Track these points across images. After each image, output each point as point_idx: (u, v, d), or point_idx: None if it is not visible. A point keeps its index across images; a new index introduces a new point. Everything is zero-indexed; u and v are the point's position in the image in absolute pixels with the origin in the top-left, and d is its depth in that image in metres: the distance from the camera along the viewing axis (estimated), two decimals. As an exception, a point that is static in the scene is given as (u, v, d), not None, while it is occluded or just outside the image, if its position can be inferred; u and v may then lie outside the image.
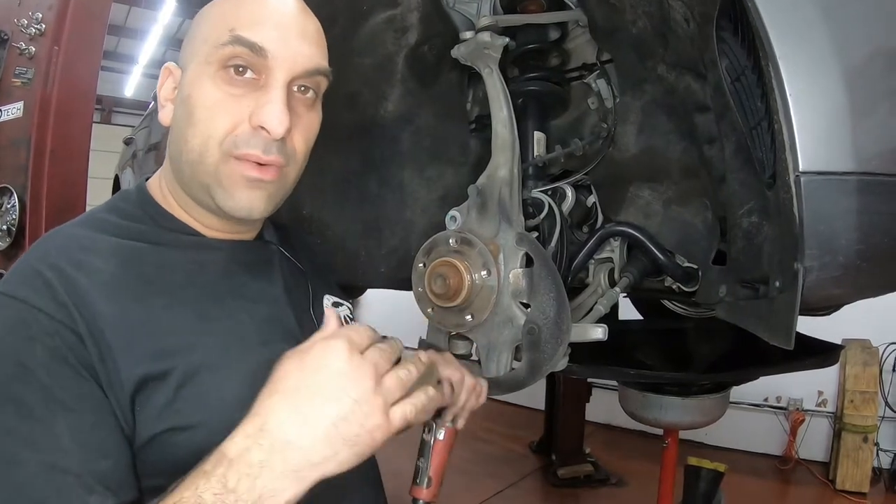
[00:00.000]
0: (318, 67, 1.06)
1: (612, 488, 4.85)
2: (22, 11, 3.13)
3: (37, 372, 0.85)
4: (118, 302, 0.93)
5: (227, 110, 1.00)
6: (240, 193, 1.03)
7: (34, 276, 0.92)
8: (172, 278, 1.02)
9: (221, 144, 1.00)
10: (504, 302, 1.45)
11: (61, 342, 0.87)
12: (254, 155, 1.01)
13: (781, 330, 1.10)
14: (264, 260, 1.19)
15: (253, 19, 1.01)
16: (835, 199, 0.98)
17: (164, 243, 1.06)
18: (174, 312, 0.98)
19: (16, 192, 3.01)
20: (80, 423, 0.86)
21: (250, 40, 0.99)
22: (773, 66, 0.98)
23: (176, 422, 0.92)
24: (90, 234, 1.01)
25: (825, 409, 5.16)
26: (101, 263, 0.96)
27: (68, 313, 0.89)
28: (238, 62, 0.99)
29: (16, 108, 3.09)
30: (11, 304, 0.90)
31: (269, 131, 0.99)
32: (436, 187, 2.00)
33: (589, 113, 1.86)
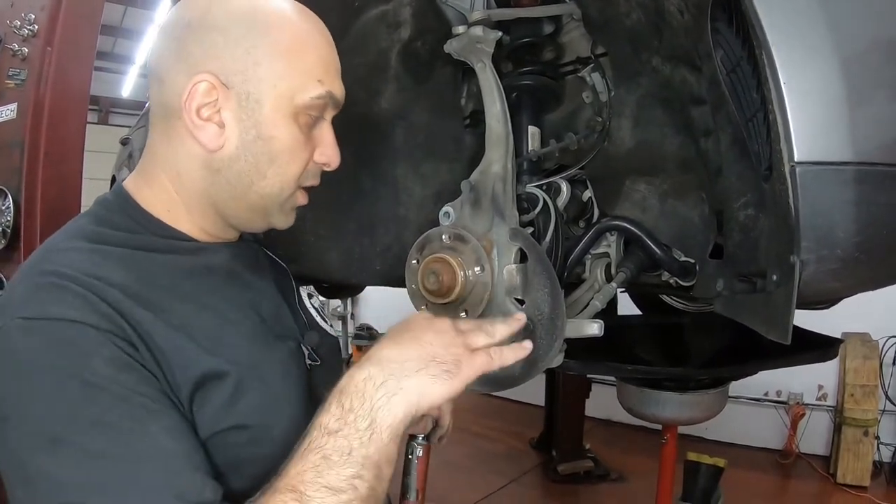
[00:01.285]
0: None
1: (612, 484, 4.86)
2: (14, 13, 3.12)
3: (106, 387, 0.83)
4: (151, 309, 0.93)
5: (304, 151, 1.08)
6: (289, 217, 1.15)
7: (60, 292, 0.88)
8: (189, 285, 1.03)
9: (297, 181, 1.10)
10: (498, 298, 1.44)
11: (117, 351, 0.86)
12: (312, 185, 1.15)
13: (778, 324, 1.09)
14: (256, 260, 1.24)
15: (330, 70, 1.09)
16: (831, 190, 0.97)
17: (166, 251, 1.05)
18: (204, 317, 1.00)
19: (10, 194, 3.00)
20: (169, 422, 0.87)
21: (338, 98, 1.11)
22: (766, 54, 0.97)
23: (237, 420, 0.96)
24: (91, 247, 0.98)
25: (825, 403, 5.17)
26: (117, 275, 0.94)
27: (113, 321, 0.87)
28: (318, 112, 1.08)
29: (9, 109, 3.08)
30: (46, 328, 0.85)
31: (331, 167, 1.14)
32: (430, 183, 1.99)
33: (584, 107, 1.84)
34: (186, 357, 0.93)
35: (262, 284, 1.19)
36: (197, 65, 1.00)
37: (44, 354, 0.83)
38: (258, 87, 1.01)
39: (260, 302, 1.14)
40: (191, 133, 1.02)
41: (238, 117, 1.02)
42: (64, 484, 0.79)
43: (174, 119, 1.03)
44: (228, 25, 1.01)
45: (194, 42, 1.01)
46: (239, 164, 1.04)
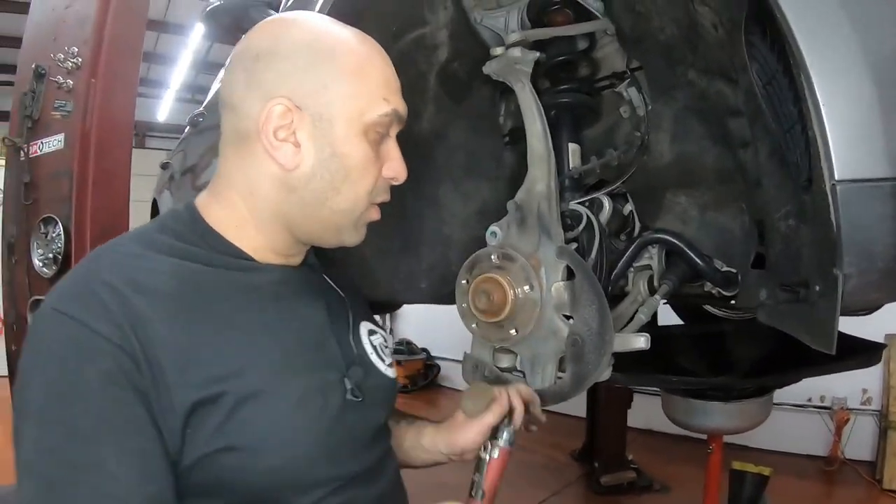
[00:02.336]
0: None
1: (656, 494, 4.82)
2: (58, 46, 3.20)
3: (88, 395, 0.87)
4: (174, 325, 0.95)
5: (374, 167, 1.11)
6: (360, 232, 1.17)
7: (89, 295, 0.93)
8: (226, 302, 1.05)
9: (369, 197, 1.13)
10: (547, 315, 1.47)
11: (115, 365, 0.89)
12: (383, 200, 1.17)
13: (823, 334, 1.10)
14: (310, 286, 1.22)
15: (391, 86, 1.13)
16: (871, 206, 0.99)
17: (218, 266, 1.08)
18: (227, 336, 1.01)
19: (60, 222, 3.07)
20: (128, 448, 0.88)
21: (402, 115, 1.14)
22: (804, 75, 0.98)
23: (226, 443, 0.95)
24: (145, 253, 1.03)
25: (870, 408, 5.09)
26: (158, 284, 0.98)
27: (124, 336, 0.90)
28: (384, 130, 1.11)
29: (56, 140, 3.16)
30: (66, 323, 0.91)
31: (399, 181, 1.16)
32: (472, 201, 2.02)
33: (621, 122, 1.86)
34: (188, 381, 0.93)
35: (309, 312, 1.18)
36: (270, 91, 1.05)
37: (55, 346, 0.91)
38: (329, 108, 1.07)
39: (302, 329, 1.14)
40: (268, 154, 1.07)
41: (313, 136, 1.07)
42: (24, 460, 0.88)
43: (250, 142, 1.08)
44: (295, 53, 1.07)
45: (264, 70, 1.06)
46: (315, 181, 1.09)
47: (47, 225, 3.15)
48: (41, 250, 3.17)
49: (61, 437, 0.87)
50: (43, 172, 3.21)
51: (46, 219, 3.14)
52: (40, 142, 3.22)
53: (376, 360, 1.27)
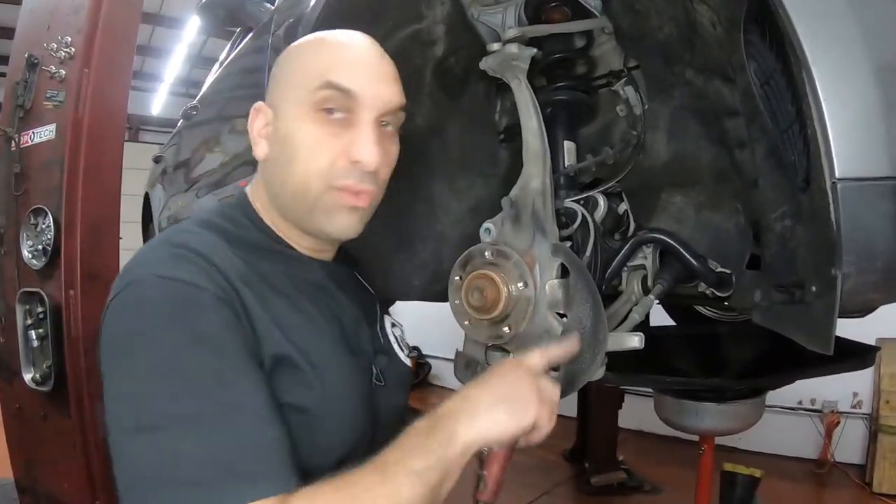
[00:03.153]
0: (399, 105, 1.21)
1: (647, 495, 4.83)
2: (51, 36, 3.17)
3: (215, 339, 0.97)
4: (254, 293, 1.07)
5: (326, 148, 1.14)
6: (339, 218, 1.18)
7: (188, 262, 1.03)
8: (283, 283, 1.16)
9: (323, 177, 1.15)
10: (541, 313, 1.46)
11: (230, 314, 1.00)
12: (352, 185, 1.16)
13: (819, 335, 1.09)
14: (346, 281, 1.35)
15: (341, 65, 1.16)
16: (871, 205, 0.98)
17: (274, 252, 1.22)
18: (293, 313, 1.13)
19: (50, 213, 3.05)
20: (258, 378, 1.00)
21: (344, 86, 1.13)
22: (805, 71, 0.98)
23: (293, 400, 1.06)
24: (213, 238, 1.13)
25: (861, 411, 5.11)
26: (230, 262, 1.08)
27: (227, 292, 1.02)
28: (330, 105, 1.14)
29: (48, 130, 3.13)
30: (176, 286, 0.99)
31: (364, 165, 1.14)
32: (466, 198, 2.01)
33: (618, 120, 1.86)
34: (272, 337, 1.06)
35: (346, 302, 1.29)
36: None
37: (169, 306, 0.98)
38: (281, 97, 1.19)
39: (341, 317, 1.25)
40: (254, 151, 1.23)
41: (272, 126, 1.20)
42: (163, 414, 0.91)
43: None
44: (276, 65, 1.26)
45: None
46: (273, 166, 1.20)
47: (37, 216, 3.12)
48: (31, 241, 3.14)
49: (198, 386, 0.93)
50: (34, 163, 3.18)
51: (37, 210, 3.11)
52: (32, 132, 3.19)
53: (398, 349, 1.42)
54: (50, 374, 3.04)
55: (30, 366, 3.13)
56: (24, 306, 3.13)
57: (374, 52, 1.21)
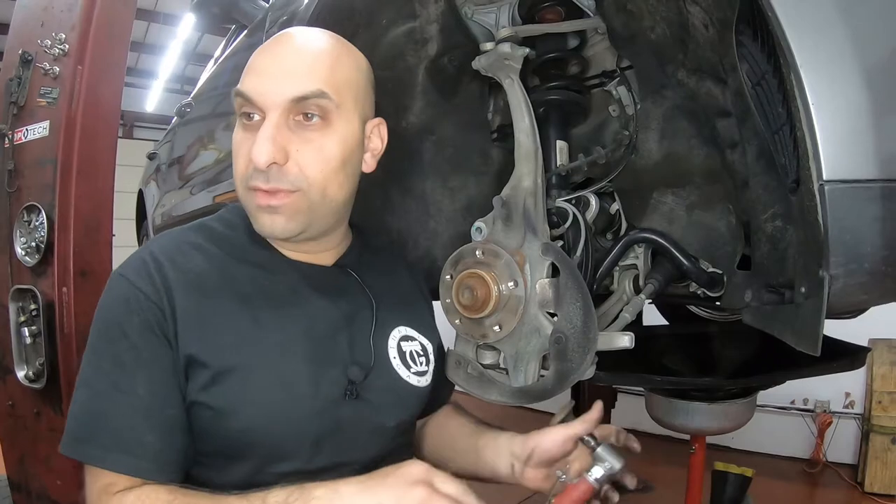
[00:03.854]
0: (300, 95, 1.16)
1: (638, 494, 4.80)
2: (45, 32, 3.16)
3: (132, 336, 1.13)
4: (192, 296, 1.17)
5: (242, 152, 1.20)
6: (260, 218, 1.21)
7: (142, 265, 1.18)
8: (244, 286, 1.23)
9: (241, 181, 1.21)
10: (531, 312, 1.46)
11: (151, 316, 1.14)
12: (257, 186, 1.18)
13: (808, 336, 1.10)
14: (334, 285, 1.34)
15: (247, 68, 1.21)
16: (859, 207, 0.98)
17: (249, 255, 1.28)
18: (233, 315, 1.19)
19: (43, 210, 3.04)
20: (155, 379, 1.13)
21: (240, 89, 1.18)
22: (794, 74, 0.98)
23: (205, 400, 1.14)
24: (193, 240, 1.26)
25: (853, 411, 5.12)
26: (190, 264, 1.21)
27: (159, 296, 1.15)
28: (244, 110, 1.19)
29: (42, 127, 3.12)
30: (123, 283, 1.17)
31: (255, 163, 1.15)
32: (459, 197, 2.01)
33: (610, 120, 1.86)
34: (190, 338, 1.14)
35: (325, 307, 1.29)
36: None
37: (112, 301, 1.18)
38: None
39: (310, 323, 1.26)
40: None
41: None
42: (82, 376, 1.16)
43: None
44: None
45: None
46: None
47: (30, 213, 3.11)
48: (24, 239, 3.13)
49: (109, 365, 1.13)
50: (27, 160, 3.17)
51: (30, 207, 3.10)
52: (25, 129, 3.18)
53: (398, 364, 1.37)
54: (43, 372, 3.04)
55: (23, 363, 3.12)
56: (17, 303, 3.13)
57: (286, 48, 1.22)
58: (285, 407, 1.18)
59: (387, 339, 1.38)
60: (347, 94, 1.23)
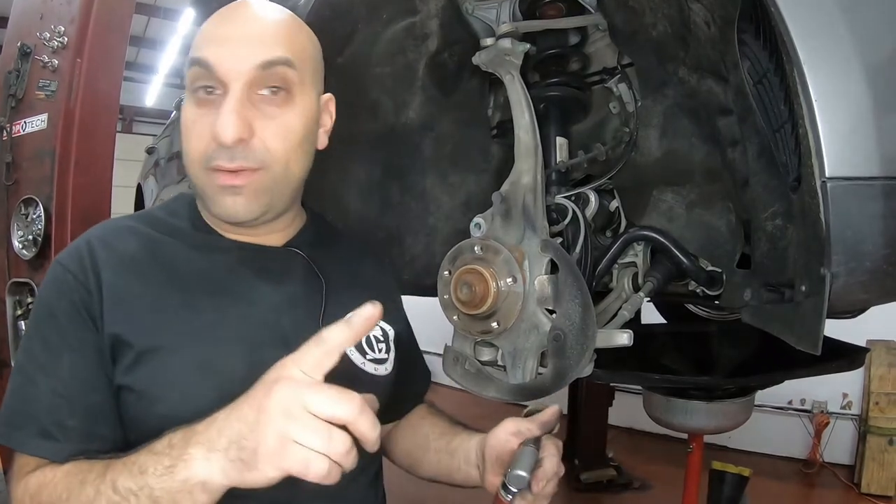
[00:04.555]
0: (266, 61, 1.09)
1: (636, 493, 4.83)
2: (44, 25, 3.16)
3: (60, 318, 1.09)
4: (119, 274, 1.12)
5: (198, 131, 1.11)
6: (221, 201, 1.13)
7: (76, 249, 1.14)
8: (178, 267, 1.17)
9: (199, 161, 1.12)
10: (530, 309, 1.45)
11: (78, 297, 1.09)
12: (221, 165, 1.09)
13: (808, 335, 1.09)
14: (278, 267, 1.26)
15: (202, 38, 1.12)
16: (860, 205, 0.98)
17: (186, 238, 1.22)
18: (163, 295, 1.13)
19: (41, 203, 3.04)
20: (80, 362, 1.08)
21: (197, 57, 1.09)
22: (797, 71, 0.97)
23: (129, 383, 1.09)
24: (131, 225, 1.21)
25: (850, 412, 5.12)
26: (124, 246, 1.16)
27: (86, 276, 1.10)
28: (200, 83, 1.10)
29: (40, 120, 3.12)
30: (56, 268, 1.13)
31: (221, 139, 1.06)
32: (458, 194, 2.01)
33: (610, 117, 1.85)
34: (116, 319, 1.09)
35: (264, 290, 1.20)
36: None
37: (49, 283, 1.14)
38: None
39: (248, 305, 1.17)
40: None
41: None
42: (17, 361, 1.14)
43: None
44: None
45: None
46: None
47: (28, 206, 3.11)
48: (21, 232, 3.13)
49: (38, 347, 1.10)
50: (25, 153, 3.17)
51: (27, 200, 3.10)
52: (24, 121, 3.18)
53: (350, 350, 1.21)
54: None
55: (19, 356, 3.12)
56: (14, 297, 3.13)
57: (246, 14, 1.14)
58: (212, 391, 1.03)
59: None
60: (307, 67, 1.18)
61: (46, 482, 1.02)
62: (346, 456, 0.85)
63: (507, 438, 1.24)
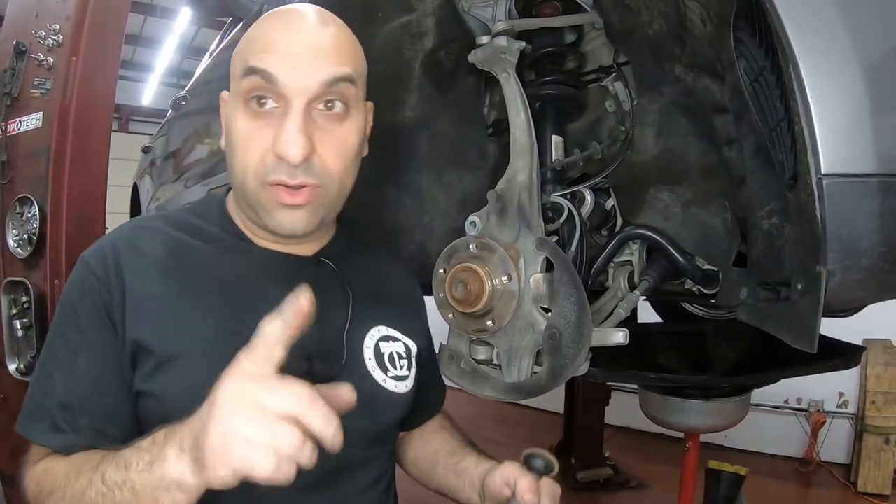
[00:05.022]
0: (332, 78, 1.08)
1: (632, 492, 4.84)
2: (40, 23, 3.16)
3: (81, 318, 1.10)
4: (145, 280, 1.12)
5: (256, 143, 1.09)
6: (279, 216, 1.13)
7: (101, 249, 1.15)
8: (203, 272, 1.16)
9: (256, 174, 1.10)
10: (525, 307, 1.45)
11: (100, 298, 1.10)
12: (282, 181, 1.08)
13: (804, 333, 1.09)
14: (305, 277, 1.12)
15: (262, 47, 1.09)
16: (857, 202, 0.97)
17: (214, 243, 1.21)
18: (187, 302, 1.13)
19: (36, 202, 3.04)
20: (95, 363, 1.09)
21: (259, 68, 1.06)
22: (793, 67, 0.97)
23: (150, 389, 1.08)
24: (159, 226, 1.21)
25: (846, 411, 5.12)
26: (149, 249, 1.15)
27: (109, 278, 1.11)
28: (257, 94, 1.08)
29: (35, 118, 3.12)
30: (81, 267, 1.14)
31: (288, 159, 1.05)
32: (454, 192, 2.00)
33: (606, 116, 1.85)
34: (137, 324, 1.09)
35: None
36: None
37: (70, 284, 1.15)
38: (230, 82, 1.17)
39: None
40: None
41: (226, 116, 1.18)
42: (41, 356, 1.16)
43: None
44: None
45: None
46: (227, 159, 1.17)
47: (23, 205, 3.11)
48: (16, 231, 3.13)
49: (58, 343, 1.12)
50: (20, 151, 3.17)
51: (22, 198, 3.10)
52: (19, 120, 3.18)
53: (373, 366, 1.25)
54: (34, 365, 3.02)
55: (14, 356, 3.12)
56: (9, 296, 3.13)
57: (309, 25, 1.12)
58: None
59: (363, 338, 1.26)
60: (362, 81, 1.18)
61: (49, 469, 1.05)
62: (299, 452, 0.80)
63: (502, 486, 1.23)
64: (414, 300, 1.46)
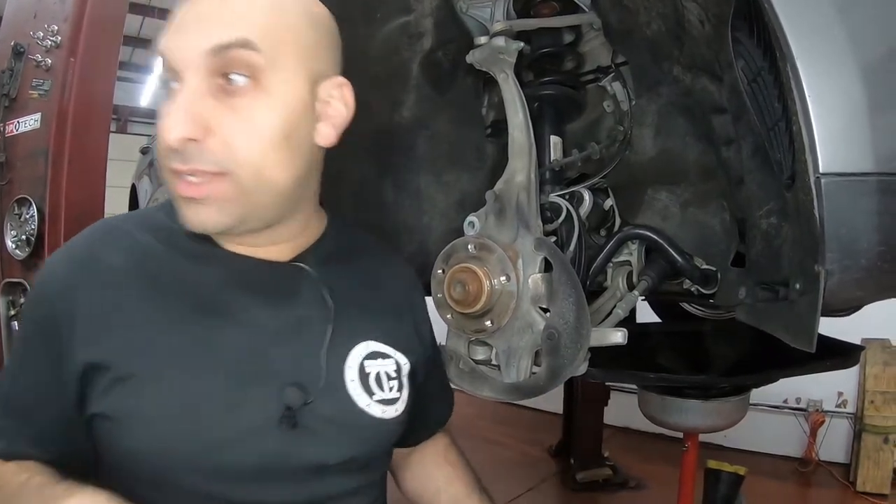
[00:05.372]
0: (217, 45, 0.91)
1: (632, 492, 4.83)
2: (38, 24, 3.16)
3: (28, 327, 1.09)
4: (97, 293, 0.99)
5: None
6: (184, 211, 0.97)
7: (59, 259, 1.06)
8: (166, 282, 1.02)
9: (162, 164, 0.97)
10: (523, 307, 1.46)
11: (49, 315, 0.99)
12: (175, 168, 0.94)
13: (803, 333, 1.09)
14: (279, 285, 1.08)
15: (171, 24, 0.96)
16: (855, 201, 0.98)
17: (180, 247, 1.05)
18: (146, 314, 0.99)
19: (34, 203, 3.03)
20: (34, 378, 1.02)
21: (158, 48, 0.94)
22: (791, 66, 0.97)
23: (101, 410, 0.96)
24: (127, 229, 1.07)
25: (845, 410, 5.11)
26: (109, 258, 1.02)
27: (62, 294, 0.99)
28: (164, 75, 0.96)
29: (33, 119, 3.12)
30: (44, 273, 1.05)
31: (167, 144, 0.91)
32: (453, 192, 2.00)
33: (605, 116, 1.86)
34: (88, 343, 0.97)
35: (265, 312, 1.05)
36: None
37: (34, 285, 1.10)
38: None
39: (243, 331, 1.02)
40: None
41: None
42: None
43: None
44: None
45: None
46: None
47: (21, 206, 3.10)
48: (14, 232, 3.13)
49: (15, 348, 1.09)
50: (19, 152, 3.16)
51: (21, 200, 3.09)
52: (17, 121, 3.17)
53: (356, 389, 1.08)
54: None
55: (13, 356, 3.11)
56: (7, 297, 3.12)
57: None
58: (184, 431, 0.95)
59: (346, 356, 1.09)
60: (287, 47, 0.96)
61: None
62: None
63: None
64: (413, 309, 1.29)
